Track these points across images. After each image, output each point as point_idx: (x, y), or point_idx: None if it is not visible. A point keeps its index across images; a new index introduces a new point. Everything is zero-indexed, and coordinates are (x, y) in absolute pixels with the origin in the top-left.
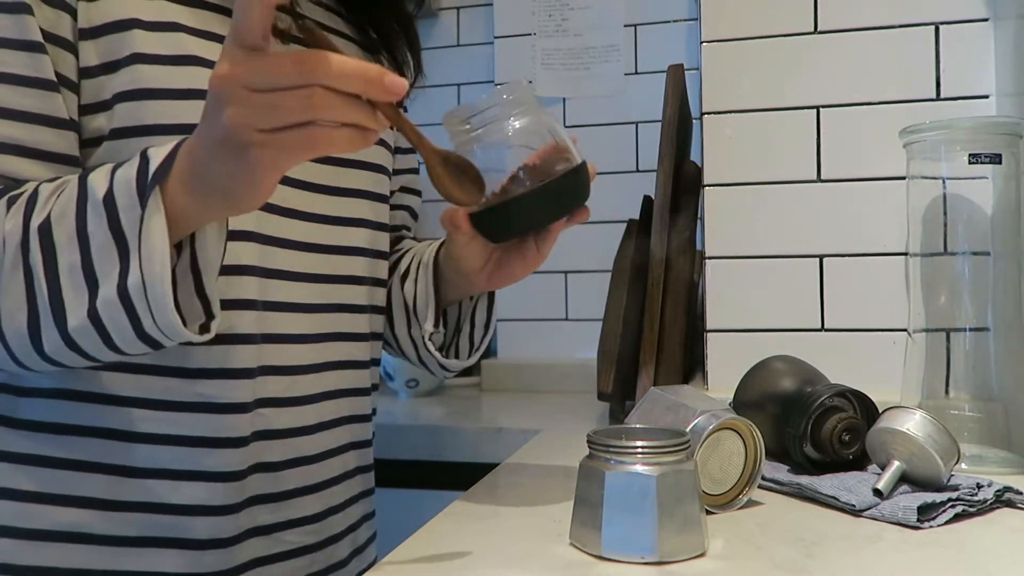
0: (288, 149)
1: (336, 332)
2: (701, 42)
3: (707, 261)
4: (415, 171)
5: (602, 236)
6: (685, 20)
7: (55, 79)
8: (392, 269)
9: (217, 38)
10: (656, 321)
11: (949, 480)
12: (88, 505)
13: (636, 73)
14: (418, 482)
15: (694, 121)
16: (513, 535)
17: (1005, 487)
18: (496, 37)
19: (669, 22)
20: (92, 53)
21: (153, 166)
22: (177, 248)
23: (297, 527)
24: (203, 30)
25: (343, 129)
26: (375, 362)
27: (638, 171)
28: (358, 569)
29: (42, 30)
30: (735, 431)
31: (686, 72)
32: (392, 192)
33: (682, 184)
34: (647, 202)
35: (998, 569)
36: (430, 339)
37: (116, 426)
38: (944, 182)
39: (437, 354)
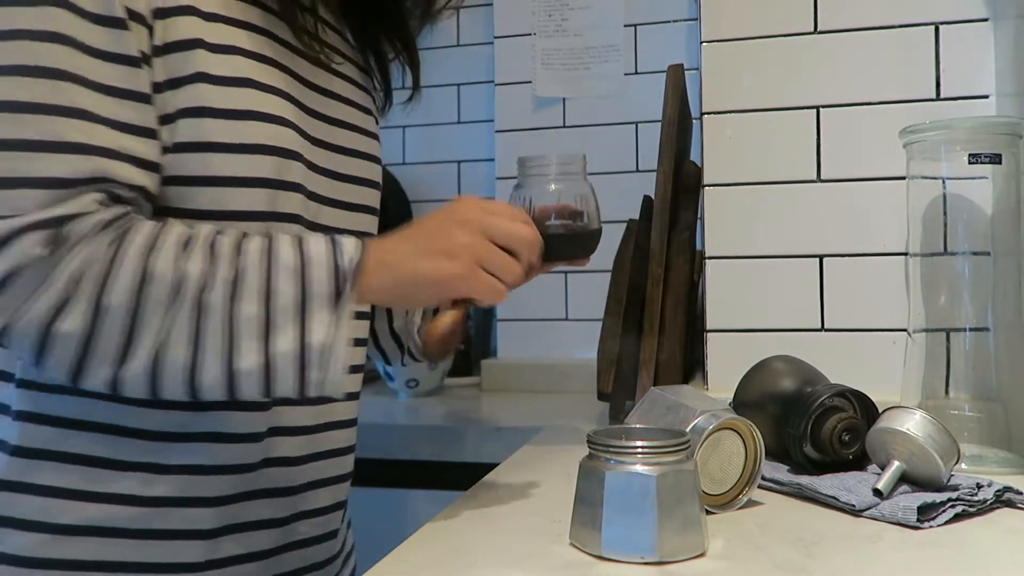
0: (478, 289)
1: (355, 339)
2: (701, 42)
3: (707, 261)
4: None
5: (602, 236)
6: (685, 20)
7: (149, 92)
8: None
9: (269, 61)
10: (656, 321)
11: (949, 480)
12: (120, 501)
13: (636, 73)
14: (418, 482)
15: (694, 121)
16: (513, 535)
17: (1005, 487)
18: (496, 37)
19: (669, 22)
20: (161, 69)
21: (349, 251)
22: None
23: (307, 519)
24: (258, 53)
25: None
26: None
27: (638, 171)
28: (343, 560)
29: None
30: (735, 431)
31: (686, 72)
32: None
33: (682, 184)
34: (647, 202)
35: (998, 569)
36: (418, 332)
37: (151, 427)
38: (944, 182)
39: (416, 336)
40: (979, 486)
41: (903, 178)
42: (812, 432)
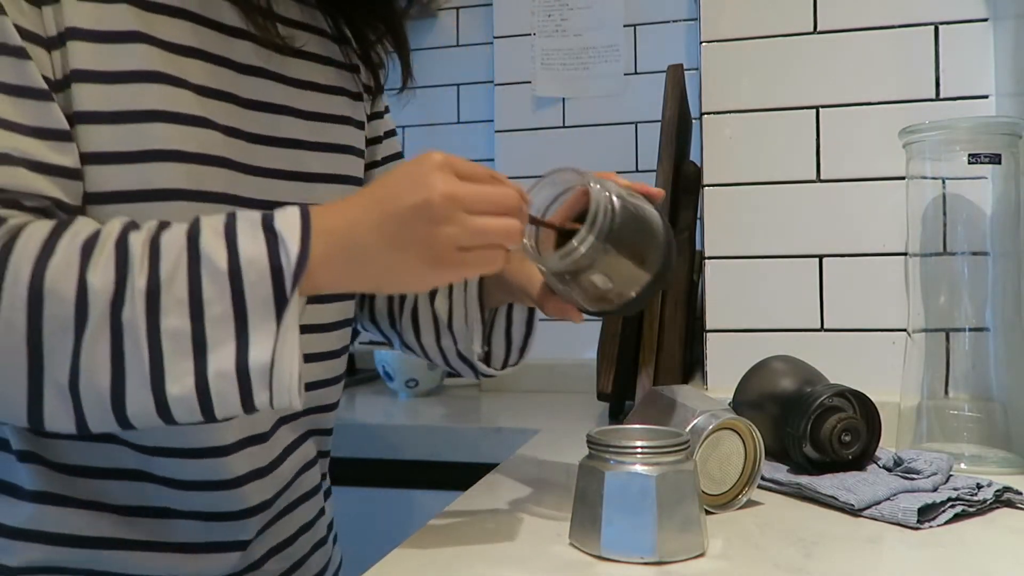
0: (469, 266)
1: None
2: (701, 42)
3: (707, 261)
4: (400, 155)
5: None
6: (685, 20)
7: (45, 87)
8: None
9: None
10: (656, 321)
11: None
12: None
13: (636, 73)
14: (418, 482)
15: (694, 121)
16: (513, 535)
17: (1005, 487)
18: (496, 37)
19: (669, 22)
20: (49, 63)
21: (292, 248)
22: None
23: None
24: (171, 43)
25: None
26: (341, 378)
27: (638, 171)
28: None
29: (23, 30)
30: (735, 431)
31: (686, 72)
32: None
33: (682, 184)
34: None
35: (998, 569)
36: (477, 358)
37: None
38: (943, 182)
39: (480, 364)
40: (979, 486)
41: (902, 178)
42: (812, 432)
